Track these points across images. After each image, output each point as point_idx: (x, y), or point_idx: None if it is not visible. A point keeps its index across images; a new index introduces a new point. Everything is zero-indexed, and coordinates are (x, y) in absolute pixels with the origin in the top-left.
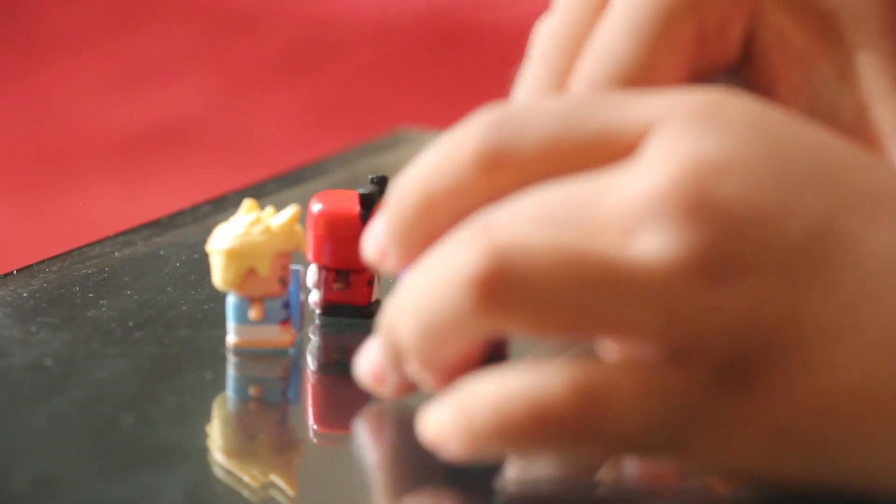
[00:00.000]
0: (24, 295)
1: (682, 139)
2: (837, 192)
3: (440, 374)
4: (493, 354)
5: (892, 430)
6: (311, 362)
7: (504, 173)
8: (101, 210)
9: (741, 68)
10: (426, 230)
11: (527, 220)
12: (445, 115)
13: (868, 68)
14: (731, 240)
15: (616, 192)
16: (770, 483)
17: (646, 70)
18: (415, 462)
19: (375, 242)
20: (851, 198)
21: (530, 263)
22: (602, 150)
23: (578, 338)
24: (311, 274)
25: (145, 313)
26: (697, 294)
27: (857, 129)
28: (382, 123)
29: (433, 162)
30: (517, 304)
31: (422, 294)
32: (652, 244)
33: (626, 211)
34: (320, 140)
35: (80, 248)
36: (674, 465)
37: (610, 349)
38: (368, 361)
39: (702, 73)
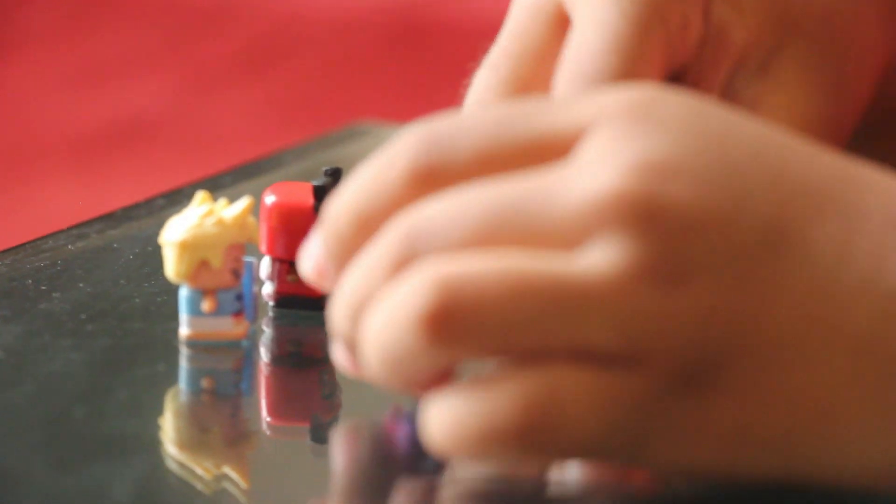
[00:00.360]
0: None
1: (621, 141)
2: (782, 188)
3: (408, 390)
4: None
5: (852, 428)
6: (264, 354)
7: (436, 188)
8: (60, 206)
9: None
10: (361, 248)
11: (464, 228)
12: (406, 111)
13: (789, 57)
14: (681, 244)
15: (558, 197)
16: (732, 481)
17: (627, 65)
18: (369, 454)
19: (312, 261)
20: (796, 193)
21: (477, 295)
22: (536, 156)
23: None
24: (265, 266)
25: (98, 306)
26: (650, 301)
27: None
28: (343, 119)
29: (366, 180)
30: (469, 336)
31: (379, 333)
32: (601, 254)
33: (571, 218)
34: (280, 136)
35: (33, 241)
36: (639, 468)
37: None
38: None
39: (668, 76)
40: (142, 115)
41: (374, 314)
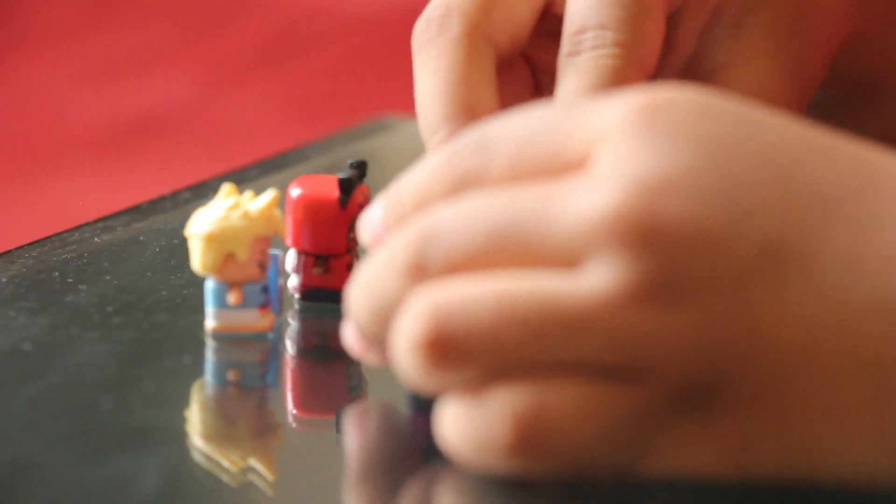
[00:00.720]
0: (3, 280)
1: (628, 156)
2: (789, 199)
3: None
4: None
5: (861, 447)
6: (289, 347)
7: (471, 189)
8: (83, 198)
9: None
10: (404, 218)
11: (472, 236)
12: None
13: (766, 33)
14: (678, 263)
15: (562, 212)
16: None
17: (465, 111)
18: (393, 447)
19: (371, 228)
20: (804, 203)
21: (468, 321)
22: (558, 165)
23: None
24: (290, 258)
25: (124, 298)
26: (645, 320)
27: (708, 80)
28: (362, 112)
29: (419, 173)
30: (462, 360)
31: (396, 356)
32: (599, 273)
33: (571, 236)
34: (300, 129)
35: (59, 234)
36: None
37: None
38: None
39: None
40: (161, 109)
41: (395, 335)
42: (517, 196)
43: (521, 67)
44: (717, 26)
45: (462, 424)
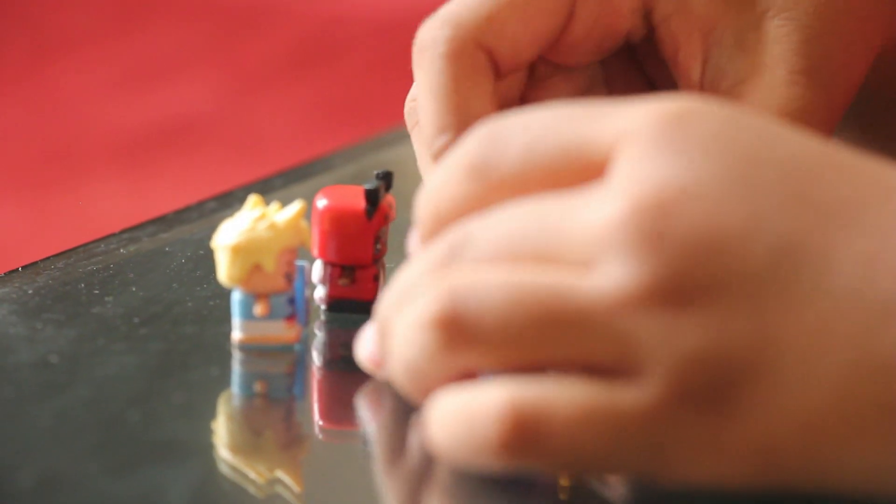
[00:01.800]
0: (30, 292)
1: (644, 163)
2: (807, 208)
3: (422, 398)
4: None
5: (882, 451)
6: (316, 358)
7: (491, 186)
8: (108, 208)
9: (647, 40)
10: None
11: (496, 243)
12: None
13: (772, 41)
14: (689, 267)
15: (579, 219)
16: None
17: (458, 123)
18: (419, 457)
19: (414, 247)
20: (821, 212)
21: (482, 304)
22: (574, 167)
23: (543, 367)
24: (317, 270)
25: (151, 310)
26: (654, 319)
27: (728, 99)
28: (389, 119)
29: (438, 178)
30: (475, 343)
31: (402, 331)
32: (608, 274)
33: (586, 240)
34: (328, 137)
35: (85, 245)
36: (660, 482)
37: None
38: (366, 348)
39: (602, 47)
40: (188, 116)
41: (402, 316)
42: (541, 205)
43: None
44: (718, 48)
45: (455, 417)
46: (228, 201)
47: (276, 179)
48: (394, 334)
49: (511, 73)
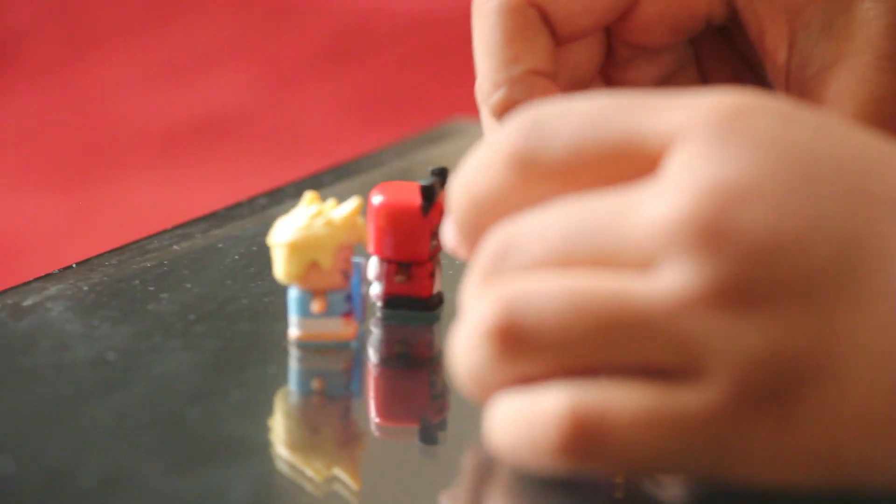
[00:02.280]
0: (85, 289)
1: (703, 160)
2: (867, 204)
3: (489, 398)
4: None
5: None
6: (372, 355)
7: (534, 177)
8: (148, 202)
9: (730, 23)
10: (481, 226)
11: (547, 245)
12: None
13: (861, 25)
14: (753, 269)
15: (635, 218)
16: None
17: (511, 72)
18: (478, 456)
19: (449, 238)
20: (879, 210)
21: (540, 312)
22: (625, 161)
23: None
24: (373, 266)
25: (206, 307)
26: (716, 322)
27: (814, 84)
28: (425, 114)
29: (475, 165)
30: (534, 350)
31: (461, 343)
32: (670, 276)
33: (644, 240)
34: (365, 131)
35: (138, 241)
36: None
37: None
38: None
39: (680, 28)
40: (225, 111)
41: (459, 327)
42: (592, 204)
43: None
44: (805, 32)
45: (516, 420)
46: (279, 197)
47: (326, 175)
48: (455, 338)
49: (571, 41)
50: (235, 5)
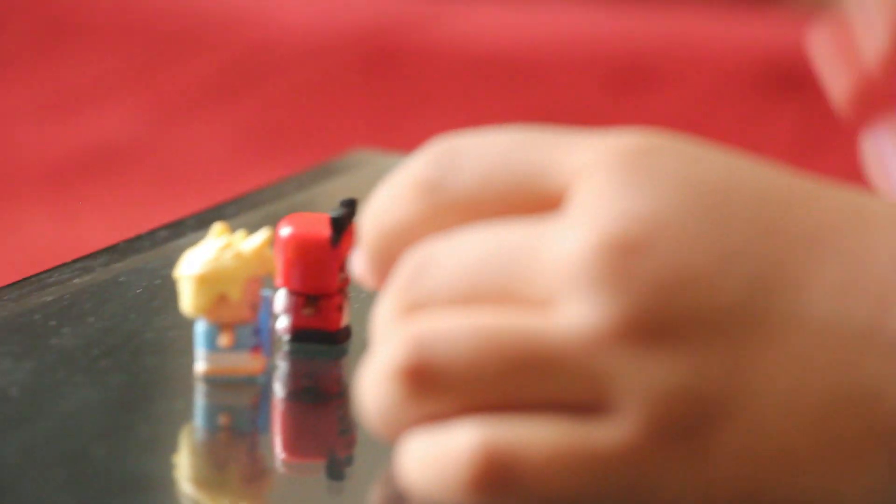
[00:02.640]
0: None
1: (609, 196)
2: (777, 239)
3: (398, 437)
4: None
5: (857, 473)
6: (279, 390)
7: (442, 206)
8: (40, 235)
9: None
10: (391, 255)
11: (459, 271)
12: (382, 137)
13: None
14: (662, 303)
15: (541, 254)
16: None
17: None
18: (385, 492)
19: (358, 267)
20: (793, 242)
21: (449, 351)
22: (532, 196)
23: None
24: (280, 299)
25: (110, 341)
26: (625, 357)
27: None
28: (318, 145)
29: (385, 195)
30: (444, 390)
31: (370, 382)
32: (577, 312)
33: (550, 277)
34: (258, 162)
35: (38, 275)
36: None
37: None
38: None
39: None
40: (117, 143)
41: (366, 366)
42: (501, 234)
43: None
44: None
45: (427, 457)
46: (181, 230)
47: (228, 207)
48: (362, 377)
49: None
50: (123, 38)
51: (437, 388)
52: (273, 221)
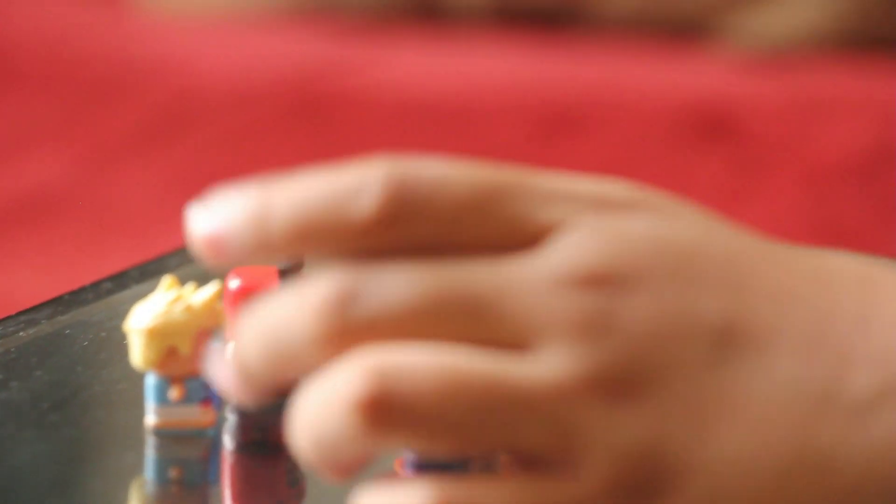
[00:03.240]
0: None
1: (583, 246)
2: (745, 293)
3: (338, 473)
4: None
5: None
6: (229, 442)
7: (403, 230)
8: None
9: None
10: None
11: (411, 302)
12: None
13: None
14: (632, 359)
15: (514, 295)
16: None
17: None
18: None
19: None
20: (757, 303)
21: (413, 387)
22: (505, 236)
23: (473, 454)
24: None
25: (59, 394)
26: (593, 411)
27: None
28: None
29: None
30: (403, 427)
31: (312, 415)
32: (547, 361)
33: (523, 321)
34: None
35: None
36: None
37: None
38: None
39: None
40: (45, 191)
41: (308, 396)
42: (461, 265)
43: None
44: None
45: (379, 499)
46: (124, 281)
47: (171, 258)
48: (301, 407)
49: None
50: (49, 84)
51: (395, 424)
52: (217, 273)
